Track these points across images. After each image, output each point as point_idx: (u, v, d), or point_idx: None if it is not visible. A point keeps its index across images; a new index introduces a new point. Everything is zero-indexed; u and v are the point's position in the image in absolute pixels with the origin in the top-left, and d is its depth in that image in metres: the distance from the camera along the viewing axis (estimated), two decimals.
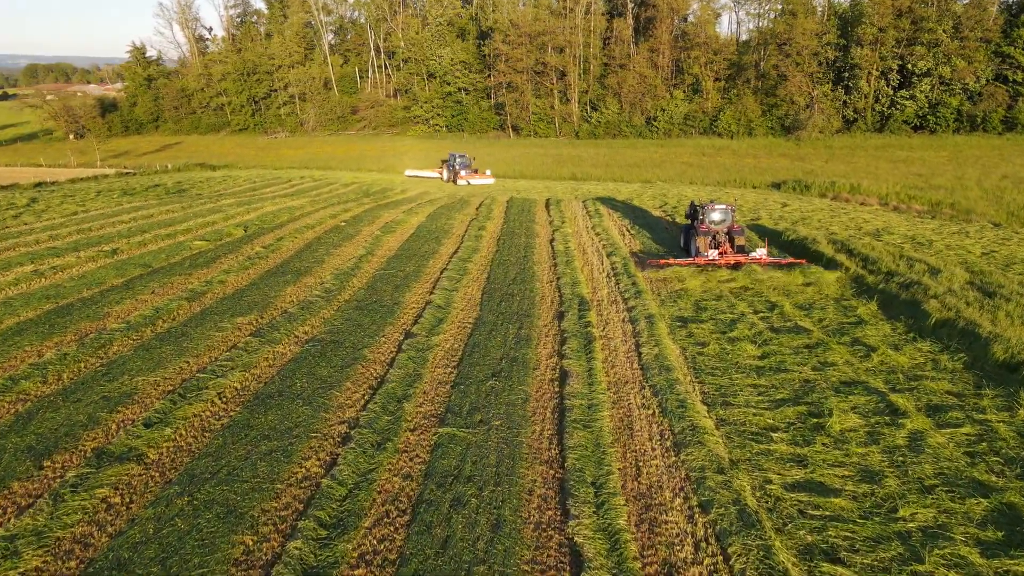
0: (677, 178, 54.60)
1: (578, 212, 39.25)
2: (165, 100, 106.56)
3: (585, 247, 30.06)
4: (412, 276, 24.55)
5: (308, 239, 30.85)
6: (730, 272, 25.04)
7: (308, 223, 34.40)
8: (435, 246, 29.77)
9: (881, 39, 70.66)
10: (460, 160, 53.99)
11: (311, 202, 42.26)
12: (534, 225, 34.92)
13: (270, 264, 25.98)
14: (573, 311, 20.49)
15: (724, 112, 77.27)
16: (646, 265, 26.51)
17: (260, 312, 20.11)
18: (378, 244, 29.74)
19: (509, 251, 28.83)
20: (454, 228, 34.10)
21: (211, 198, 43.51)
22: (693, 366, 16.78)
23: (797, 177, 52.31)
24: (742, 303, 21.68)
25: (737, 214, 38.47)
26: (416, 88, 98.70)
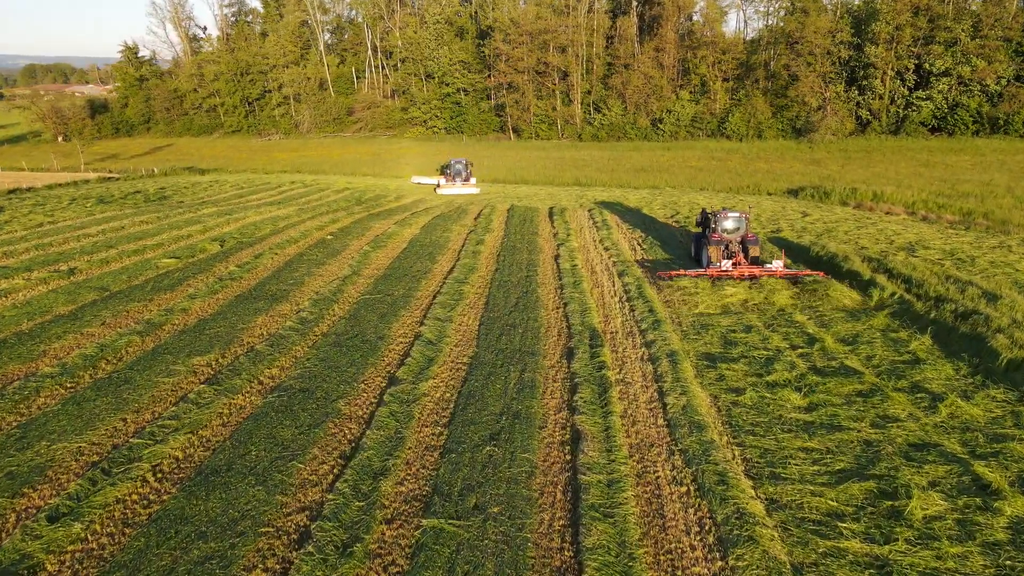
0: (686, 184, 51.88)
1: (584, 222, 36.54)
2: (156, 101, 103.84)
3: (594, 264, 27.35)
4: (401, 302, 21.84)
5: (289, 255, 28.13)
6: (747, 287, 23.06)
7: (292, 236, 31.70)
8: (428, 264, 27.06)
9: (897, 37, 67.93)
10: (458, 166, 50.51)
11: (298, 211, 39.56)
12: (537, 238, 32.21)
13: (243, 287, 23.26)
14: (584, 347, 17.80)
15: (733, 114, 74.54)
16: (655, 277, 24.88)
17: (222, 350, 17.41)
18: (366, 262, 27.03)
19: (510, 270, 26.11)
20: (450, 242, 31.40)
21: (192, 207, 40.82)
22: (729, 421, 14.12)
23: (814, 183, 49.60)
24: (776, 335, 18.99)
25: (756, 225, 35.86)
26: (414, 89, 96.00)
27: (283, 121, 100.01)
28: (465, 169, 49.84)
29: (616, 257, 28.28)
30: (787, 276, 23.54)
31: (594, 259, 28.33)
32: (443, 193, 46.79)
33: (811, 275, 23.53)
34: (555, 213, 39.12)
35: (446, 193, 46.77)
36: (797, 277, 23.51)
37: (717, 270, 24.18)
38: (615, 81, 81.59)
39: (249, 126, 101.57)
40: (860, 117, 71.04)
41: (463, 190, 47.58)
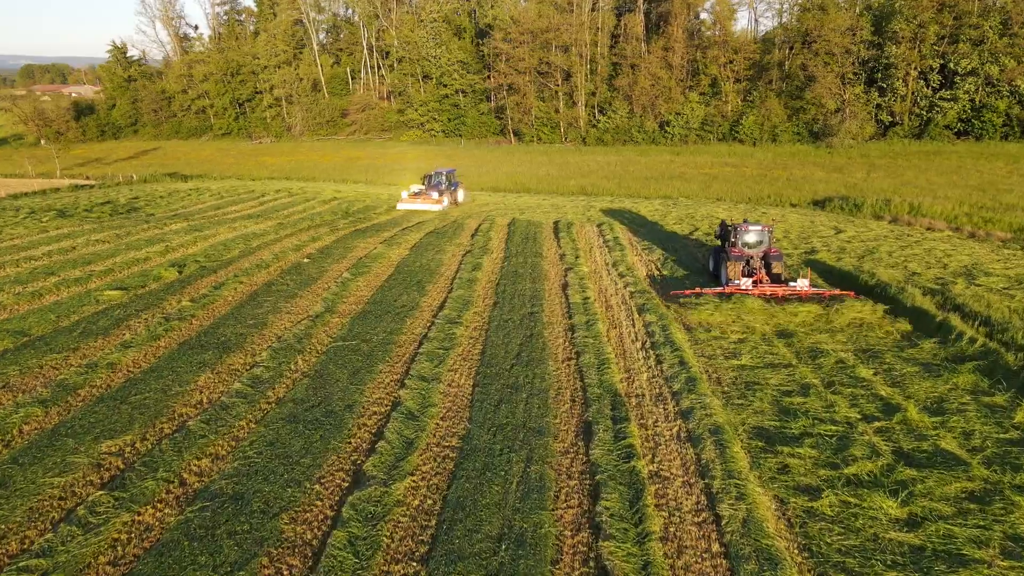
0: (700, 193, 48.12)
1: (594, 240, 32.79)
2: (144, 103, 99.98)
3: (608, 296, 23.60)
4: (379, 351, 18.08)
5: (256, 285, 24.37)
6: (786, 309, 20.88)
7: (264, 259, 27.95)
8: (416, 295, 23.29)
9: (920, 35, 64.16)
10: (440, 178, 44.14)
11: (277, 227, 35.81)
12: (541, 261, 28.44)
13: (192, 330, 19.50)
14: (604, 420, 14.10)
15: (746, 117, 70.75)
16: (669, 296, 23.00)
17: (144, 428, 13.67)
18: (344, 293, 23.26)
19: (511, 304, 22.34)
20: (443, 266, 27.63)
21: (160, 221, 37.07)
22: (808, 545, 10.46)
23: (840, 192, 45.86)
24: (841, 399, 15.32)
25: (786, 243, 32.11)
26: (411, 90, 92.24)
27: (274, 124, 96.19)
28: (447, 181, 44.17)
29: (633, 286, 24.53)
30: (814, 296, 21.88)
31: (608, 288, 24.57)
32: (401, 208, 41.52)
33: (840, 295, 21.77)
34: (561, 229, 35.38)
35: (404, 208, 41.49)
36: (824, 297, 21.80)
37: (736, 288, 22.53)
38: (621, 82, 77.83)
39: (239, 129, 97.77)
40: (880, 120, 67.25)
41: (422, 206, 41.62)
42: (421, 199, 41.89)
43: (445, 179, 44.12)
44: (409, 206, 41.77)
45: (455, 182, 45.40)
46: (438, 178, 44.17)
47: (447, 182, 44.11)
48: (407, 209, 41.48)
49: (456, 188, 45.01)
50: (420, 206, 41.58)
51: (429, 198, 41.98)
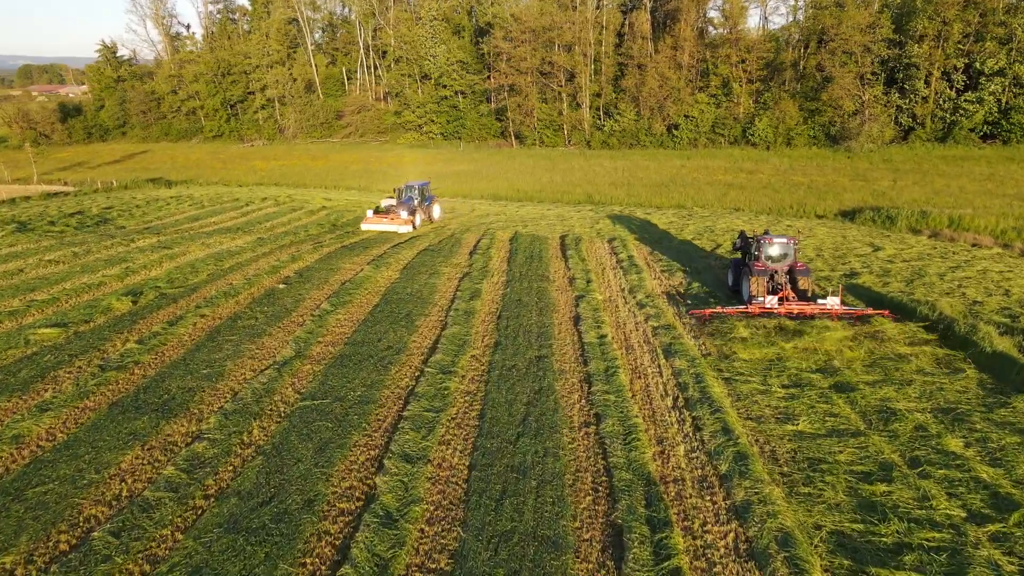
0: (716, 203, 44.81)
1: (605, 259, 29.50)
2: (132, 104, 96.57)
3: (628, 332, 20.32)
4: (356, 413, 14.81)
5: (220, 318, 21.08)
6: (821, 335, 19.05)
7: (234, 284, 24.68)
8: (404, 333, 20.00)
9: (944, 34, 60.82)
10: (412, 192, 38.20)
11: (256, 243, 32.53)
12: (548, 286, 25.14)
13: (133, 382, 16.23)
14: (638, 525, 10.93)
15: (759, 119, 67.40)
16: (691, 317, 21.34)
17: (32, 542, 10.40)
18: (320, 330, 19.98)
19: (515, 346, 19.05)
20: (437, 292, 24.34)
21: (129, 236, 33.79)
22: None
23: (867, 201, 42.59)
24: (935, 485, 12.22)
25: (820, 263, 28.84)
26: (408, 91, 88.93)
27: (267, 125, 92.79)
28: (420, 196, 38.13)
29: (656, 318, 21.24)
30: (846, 316, 20.55)
31: (627, 322, 21.27)
32: (366, 228, 36.00)
33: (874, 314, 20.54)
34: (568, 245, 32.08)
35: (368, 229, 35.92)
36: (857, 316, 20.49)
37: (760, 306, 20.98)
38: (627, 83, 74.51)
39: (231, 131, 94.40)
40: (900, 123, 63.92)
41: (389, 227, 35.79)
42: (389, 218, 36.04)
43: (418, 193, 38.32)
44: (374, 227, 35.89)
45: (429, 196, 39.69)
46: (409, 192, 38.35)
47: (420, 197, 38.42)
48: (372, 230, 35.74)
49: (431, 203, 39.42)
50: (387, 227, 35.79)
51: (398, 217, 36.06)
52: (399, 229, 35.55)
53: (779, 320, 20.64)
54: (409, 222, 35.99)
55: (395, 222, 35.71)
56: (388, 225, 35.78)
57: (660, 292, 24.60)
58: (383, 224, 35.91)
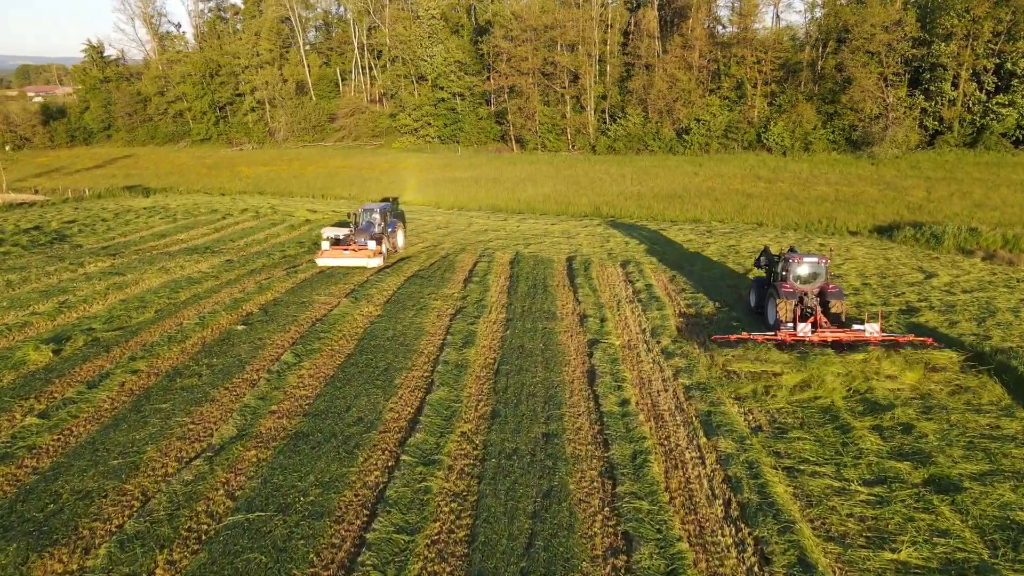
0: (736, 216, 40.97)
1: (620, 288, 25.68)
2: (118, 106, 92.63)
3: (655, 395, 16.55)
4: (300, 540, 10.98)
5: (156, 375, 17.27)
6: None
7: (185, 324, 20.90)
8: (380, 398, 16.18)
9: (974, 32, 56.96)
10: (372, 216, 31.15)
11: (222, 267, 28.71)
12: (556, 327, 21.30)
13: (14, 484, 12.42)
14: None
15: (775, 123, 63.54)
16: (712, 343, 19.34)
17: None
18: (275, 394, 16.16)
19: (516, 418, 15.25)
20: (423, 337, 20.53)
21: (81, 258, 29.97)
22: None
23: (903, 215, 38.77)
24: None
25: (868, 294, 24.98)
26: (404, 93, 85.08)
27: (256, 128, 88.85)
28: (382, 220, 30.98)
29: (688, 374, 17.46)
30: (885, 342, 18.66)
31: (652, 378, 17.47)
32: (321, 264, 28.85)
33: (916, 341, 18.73)
34: (576, 270, 28.25)
35: (324, 264, 28.85)
36: (899, 343, 18.62)
37: (790, 334, 18.96)
38: (634, 84, 70.67)
39: (219, 134, 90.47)
40: (926, 126, 60.03)
41: (351, 261, 28.70)
42: (351, 251, 28.71)
43: (380, 216, 30.93)
44: (332, 262, 28.74)
45: (392, 220, 32.33)
46: (368, 216, 31.02)
47: (383, 221, 31.05)
48: (329, 266, 28.78)
49: (394, 229, 32.06)
50: (348, 262, 28.63)
51: (362, 249, 28.88)
52: (368, 263, 28.64)
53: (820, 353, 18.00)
54: (378, 254, 28.98)
55: (360, 255, 28.66)
56: (352, 259, 28.62)
57: (688, 333, 20.79)
58: (343, 259, 28.68)
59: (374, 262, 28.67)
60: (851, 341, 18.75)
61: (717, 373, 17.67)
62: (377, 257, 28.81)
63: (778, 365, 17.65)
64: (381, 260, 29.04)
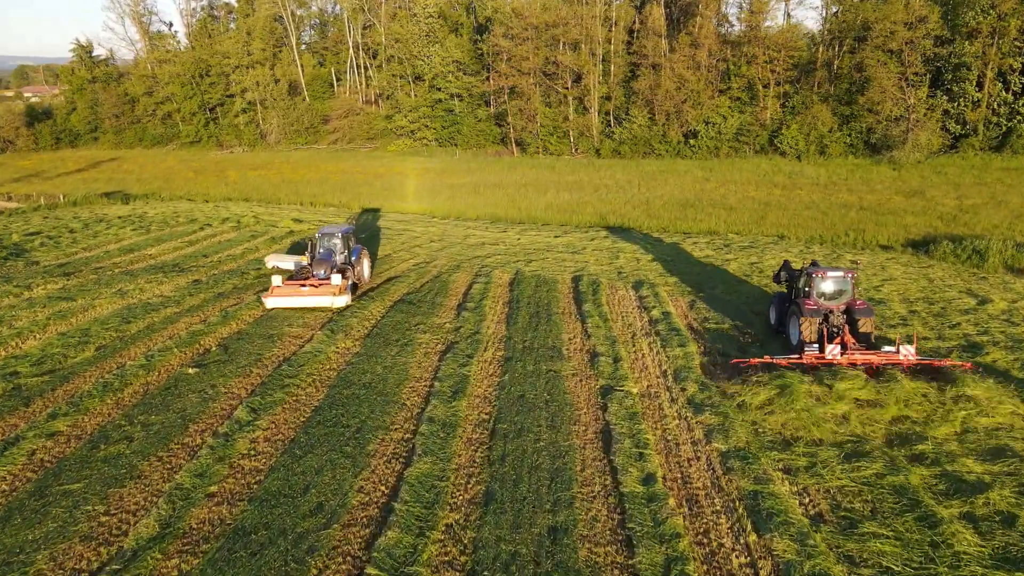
0: (754, 227, 37.89)
1: (635, 318, 22.59)
2: (105, 107, 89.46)
3: (687, 467, 13.56)
4: None
5: (76, 440, 14.24)
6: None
7: (130, 362, 17.88)
8: (347, 475, 13.13)
9: (1000, 30, 53.91)
10: (332, 241, 25.97)
11: (188, 289, 25.65)
12: (562, 369, 18.22)
13: None
14: None
15: (788, 126, 60.48)
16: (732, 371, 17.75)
17: None
18: (217, 469, 13.11)
19: (516, 505, 12.21)
20: (406, 383, 17.46)
21: (32, 278, 26.90)
22: None
23: (936, 226, 35.73)
24: None
25: (917, 324, 21.88)
26: (400, 93, 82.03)
27: (247, 131, 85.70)
28: (344, 247, 25.90)
29: (723, 436, 14.46)
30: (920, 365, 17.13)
31: (681, 442, 14.43)
32: (271, 305, 23.01)
33: (955, 365, 17.15)
34: (583, 294, 25.18)
35: (275, 306, 23.04)
36: (935, 368, 17.12)
37: (815, 356, 17.36)
38: (640, 84, 67.59)
39: (209, 136, 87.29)
40: (948, 129, 56.92)
41: (309, 300, 23.01)
42: (310, 288, 23.20)
43: (342, 242, 25.89)
44: (285, 303, 23.02)
45: (357, 246, 26.77)
46: (328, 243, 25.82)
47: (345, 248, 25.94)
48: (281, 307, 23.08)
49: (358, 256, 26.38)
50: (307, 302, 22.98)
51: (323, 284, 23.43)
52: (333, 303, 23.02)
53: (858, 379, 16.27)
54: (341, 290, 23.17)
55: (322, 293, 23.03)
56: (311, 299, 22.98)
57: (717, 376, 17.73)
58: (299, 298, 23.02)
59: (340, 300, 23.05)
60: (881, 364, 17.12)
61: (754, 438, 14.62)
62: (343, 295, 23.18)
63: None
64: (348, 298, 23.41)
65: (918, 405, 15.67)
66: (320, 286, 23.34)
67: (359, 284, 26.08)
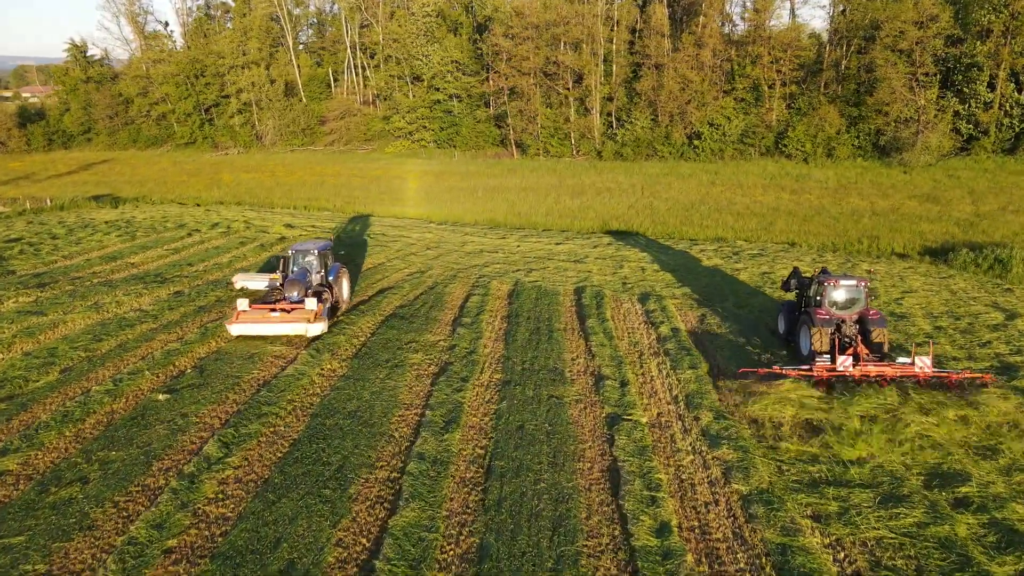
0: (763, 234, 36.50)
1: (642, 335, 21.19)
2: (98, 108, 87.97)
3: (704, 513, 12.13)
4: None
5: (30, 478, 12.90)
6: None
7: (96, 387, 16.49)
8: (326, 522, 11.75)
9: (1013, 28, 52.47)
10: (308, 260, 22.89)
11: (168, 302, 24.24)
12: (565, 394, 16.81)
13: None
14: None
15: (795, 127, 59.06)
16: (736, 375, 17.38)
17: None
18: (177, 519, 11.69)
19: (512, 558, 10.88)
20: (394, 412, 16.06)
21: (9, 288, 25.45)
22: None
23: (953, 233, 34.36)
24: None
25: (944, 342, 20.49)
26: (398, 94, 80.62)
27: (242, 132, 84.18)
28: (321, 265, 22.87)
29: (743, 475, 13.08)
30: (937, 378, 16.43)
31: (697, 482, 13.07)
32: (236, 332, 20.38)
33: (974, 377, 16.55)
34: (587, 308, 23.77)
35: (241, 333, 20.43)
36: (953, 380, 16.38)
37: (827, 367, 16.70)
38: (643, 85, 66.15)
39: (204, 137, 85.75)
40: (959, 131, 55.46)
41: (280, 328, 20.30)
42: (281, 313, 20.52)
43: (318, 260, 22.88)
44: (252, 330, 20.42)
45: (335, 264, 23.89)
46: (303, 261, 22.91)
47: (322, 266, 22.91)
48: (248, 335, 20.52)
49: (336, 275, 23.42)
50: (277, 330, 20.35)
51: (296, 308, 20.68)
52: (307, 330, 20.24)
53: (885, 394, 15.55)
54: (317, 316, 20.46)
55: (294, 319, 20.33)
56: (282, 326, 20.29)
57: (733, 402, 16.32)
58: (268, 325, 20.33)
59: (315, 328, 20.26)
60: (895, 376, 16.55)
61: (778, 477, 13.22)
62: (319, 321, 20.39)
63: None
64: (324, 325, 20.63)
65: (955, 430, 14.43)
66: (293, 311, 20.57)
67: (338, 306, 23.33)
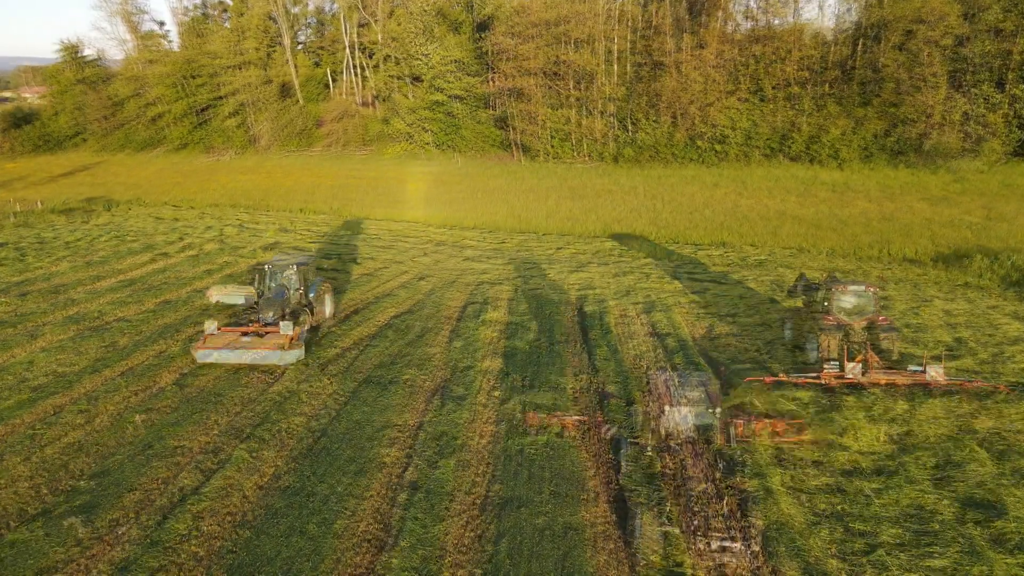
0: (770, 239, 35.49)
1: (648, 348, 20.15)
2: (90, 110, 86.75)
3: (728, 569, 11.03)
4: None
5: None
6: None
7: (72, 405, 15.41)
8: (308, 566, 10.67)
9: (1023, 28, 51.38)
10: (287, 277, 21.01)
11: (146, 317, 23.17)
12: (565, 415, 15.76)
13: None
14: None
15: (801, 128, 57.98)
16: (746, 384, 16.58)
17: None
18: (148, 557, 10.71)
19: None
20: (388, 429, 15.08)
21: None
22: None
23: (967, 238, 33.39)
24: None
25: (966, 355, 19.53)
26: (397, 95, 79.55)
27: (237, 135, 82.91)
28: (300, 282, 21.03)
29: (762, 506, 11.95)
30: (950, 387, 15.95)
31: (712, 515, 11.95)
32: (204, 360, 18.51)
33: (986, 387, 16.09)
34: (589, 320, 22.77)
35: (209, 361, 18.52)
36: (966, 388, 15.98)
37: (835, 375, 16.42)
38: (648, 86, 65.05)
39: (198, 140, 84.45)
40: (968, 132, 54.37)
41: (251, 355, 18.34)
42: (253, 337, 18.96)
43: (297, 278, 20.99)
44: (219, 356, 18.44)
45: (316, 279, 22.32)
46: (281, 277, 20.93)
47: (301, 283, 21.10)
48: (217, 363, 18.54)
49: (317, 291, 21.79)
50: (247, 357, 18.35)
51: (271, 332, 19.03)
52: (282, 358, 18.33)
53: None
54: (294, 342, 18.68)
55: (267, 345, 18.52)
56: (254, 353, 18.32)
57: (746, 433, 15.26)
58: (242, 351, 18.37)
59: (291, 355, 18.32)
60: (907, 384, 16.28)
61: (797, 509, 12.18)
62: (295, 348, 18.49)
63: None
64: (301, 352, 18.63)
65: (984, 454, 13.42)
66: (266, 335, 18.80)
67: (325, 318, 22.03)
